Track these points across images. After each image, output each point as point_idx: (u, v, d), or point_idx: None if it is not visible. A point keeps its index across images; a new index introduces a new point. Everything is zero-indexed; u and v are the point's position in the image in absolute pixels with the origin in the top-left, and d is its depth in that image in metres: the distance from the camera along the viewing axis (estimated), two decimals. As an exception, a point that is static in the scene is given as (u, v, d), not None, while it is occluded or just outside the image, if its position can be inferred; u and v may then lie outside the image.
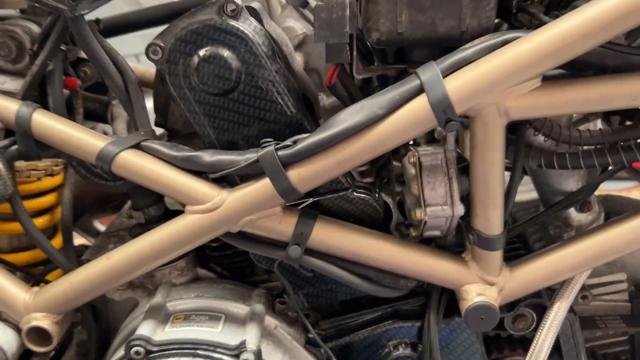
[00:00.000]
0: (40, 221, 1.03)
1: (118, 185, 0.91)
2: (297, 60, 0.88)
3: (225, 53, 0.79)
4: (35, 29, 0.93)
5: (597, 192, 0.96)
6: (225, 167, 0.79)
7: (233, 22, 0.78)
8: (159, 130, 1.02)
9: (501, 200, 0.79)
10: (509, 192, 0.82)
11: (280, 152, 0.77)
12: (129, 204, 1.24)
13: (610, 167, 0.93)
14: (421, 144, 0.83)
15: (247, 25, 0.79)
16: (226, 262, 1.00)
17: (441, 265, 0.84)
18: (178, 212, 0.96)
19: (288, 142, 0.78)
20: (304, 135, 0.77)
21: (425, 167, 0.81)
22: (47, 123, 0.84)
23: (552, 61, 0.70)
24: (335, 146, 0.75)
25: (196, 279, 0.98)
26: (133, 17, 1.11)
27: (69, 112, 1.02)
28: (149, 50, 0.80)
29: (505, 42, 0.72)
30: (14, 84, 0.94)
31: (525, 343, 0.92)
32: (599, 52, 0.72)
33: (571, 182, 0.94)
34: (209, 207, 0.80)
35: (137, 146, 0.83)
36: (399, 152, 0.90)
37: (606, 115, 0.92)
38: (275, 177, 0.77)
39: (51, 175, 1.02)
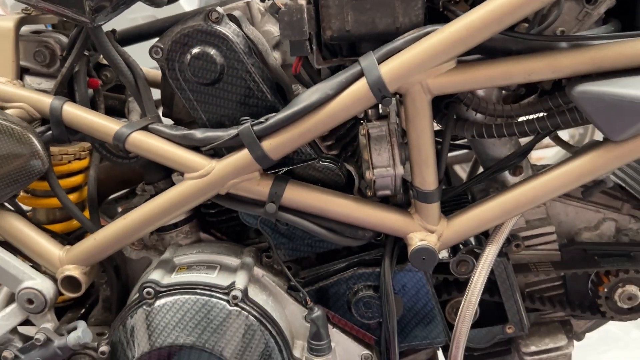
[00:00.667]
0: (71, 197, 1.25)
1: (132, 162, 1.12)
2: (274, 56, 1.09)
3: (211, 51, 1.00)
4: (64, 39, 1.16)
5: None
6: (213, 141, 1.00)
7: (216, 27, 0.99)
8: (166, 121, 1.23)
9: (433, 161, 0.97)
10: (441, 155, 1.01)
11: (255, 127, 0.97)
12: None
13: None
14: (372, 120, 1.03)
15: (227, 29, 1.00)
16: (223, 226, 1.20)
17: (390, 217, 1.03)
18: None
19: (262, 119, 0.98)
20: (274, 114, 0.98)
21: (373, 137, 1.00)
22: (75, 112, 1.06)
23: (460, 47, 0.89)
24: (298, 120, 0.96)
25: (198, 241, 1.19)
26: (145, 28, 1.33)
27: (92, 107, 1.24)
28: (152, 51, 1.01)
29: (426, 34, 0.91)
30: (48, 84, 1.16)
31: (469, 285, 1.10)
32: (502, 38, 0.91)
33: (504, 149, 1.12)
34: (201, 173, 1.01)
35: (145, 128, 1.04)
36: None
37: (541, 93, 1.10)
38: (251, 147, 0.97)
39: (79, 158, 1.24)
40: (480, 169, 1.33)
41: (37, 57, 1.14)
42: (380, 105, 1.00)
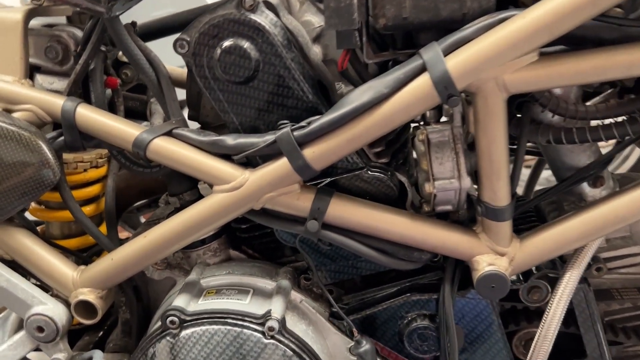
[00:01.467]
0: (87, 209, 1.13)
1: (154, 171, 0.99)
2: (314, 50, 0.95)
3: (245, 44, 0.86)
4: (79, 33, 1.03)
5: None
6: (246, 148, 0.86)
7: (251, 16, 0.85)
8: (192, 124, 1.10)
9: (506, 171, 0.82)
10: (515, 165, 0.85)
11: (295, 133, 0.83)
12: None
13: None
14: (431, 123, 0.88)
15: (263, 18, 0.86)
16: (256, 243, 1.06)
17: (452, 237, 0.88)
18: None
19: (303, 123, 0.84)
20: (317, 117, 0.83)
21: (434, 144, 0.85)
22: (90, 115, 0.93)
23: (545, 35, 0.74)
24: (346, 125, 0.81)
25: (228, 259, 1.06)
26: (168, 21, 1.20)
27: (111, 110, 1.12)
28: (177, 45, 0.88)
29: (502, 20, 0.76)
30: (61, 84, 1.04)
31: (541, 315, 0.95)
32: (594, 25, 0.75)
33: (583, 157, 0.96)
34: (233, 186, 0.87)
35: (168, 133, 0.91)
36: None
37: (620, 92, 0.94)
38: (291, 156, 0.83)
39: (96, 167, 1.11)
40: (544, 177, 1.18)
41: (48, 54, 1.01)
42: (442, 106, 0.85)
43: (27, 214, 1.15)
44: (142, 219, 1.64)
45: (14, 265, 0.98)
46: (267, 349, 0.88)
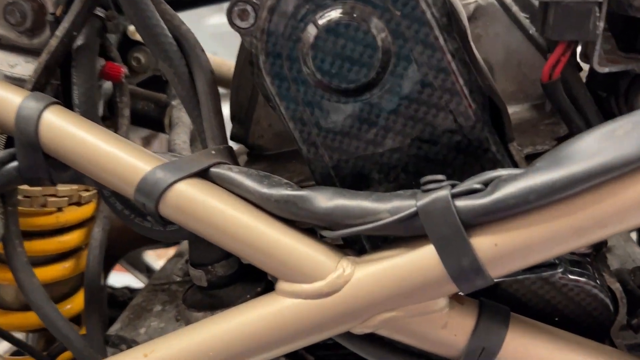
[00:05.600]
0: (60, 268, 0.71)
1: (169, 231, 0.58)
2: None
3: (369, 20, 0.44)
4: (64, -13, 0.62)
5: None
6: (352, 219, 0.44)
7: (386, -36, 0.43)
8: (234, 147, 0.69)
9: None
10: None
11: (460, 202, 0.41)
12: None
13: None
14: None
15: (409, -28, 0.44)
16: (323, 353, 0.65)
17: None
18: (259, 272, 0.62)
19: (474, 183, 0.42)
20: (505, 172, 0.41)
21: None
22: (64, 129, 0.52)
23: None
24: (574, 197, 0.39)
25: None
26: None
27: (110, 114, 0.71)
28: (233, 12, 0.46)
29: None
30: (28, 68, 0.63)
31: None
32: None
33: None
34: (320, 288, 0.45)
35: (203, 173, 0.49)
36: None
37: None
38: (447, 247, 0.41)
39: (78, 204, 0.70)
40: None
41: (9, 16, 0.60)
42: None
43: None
44: (146, 255, 1.26)
45: None
46: None
